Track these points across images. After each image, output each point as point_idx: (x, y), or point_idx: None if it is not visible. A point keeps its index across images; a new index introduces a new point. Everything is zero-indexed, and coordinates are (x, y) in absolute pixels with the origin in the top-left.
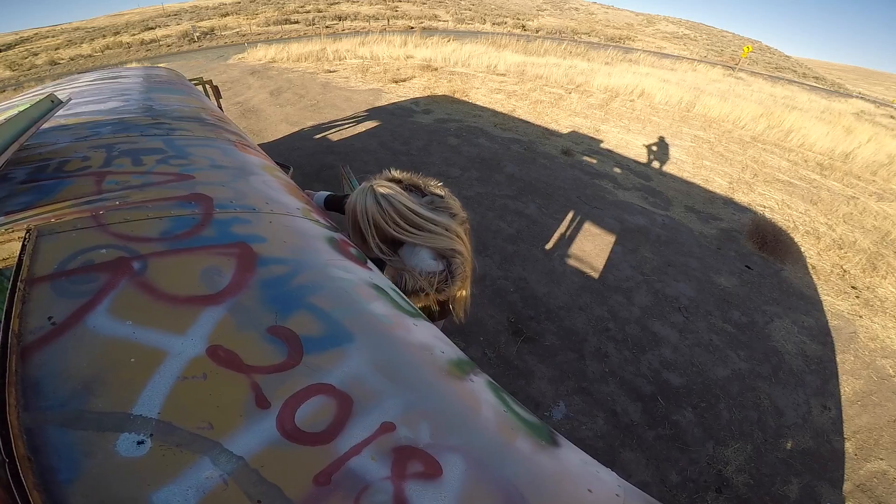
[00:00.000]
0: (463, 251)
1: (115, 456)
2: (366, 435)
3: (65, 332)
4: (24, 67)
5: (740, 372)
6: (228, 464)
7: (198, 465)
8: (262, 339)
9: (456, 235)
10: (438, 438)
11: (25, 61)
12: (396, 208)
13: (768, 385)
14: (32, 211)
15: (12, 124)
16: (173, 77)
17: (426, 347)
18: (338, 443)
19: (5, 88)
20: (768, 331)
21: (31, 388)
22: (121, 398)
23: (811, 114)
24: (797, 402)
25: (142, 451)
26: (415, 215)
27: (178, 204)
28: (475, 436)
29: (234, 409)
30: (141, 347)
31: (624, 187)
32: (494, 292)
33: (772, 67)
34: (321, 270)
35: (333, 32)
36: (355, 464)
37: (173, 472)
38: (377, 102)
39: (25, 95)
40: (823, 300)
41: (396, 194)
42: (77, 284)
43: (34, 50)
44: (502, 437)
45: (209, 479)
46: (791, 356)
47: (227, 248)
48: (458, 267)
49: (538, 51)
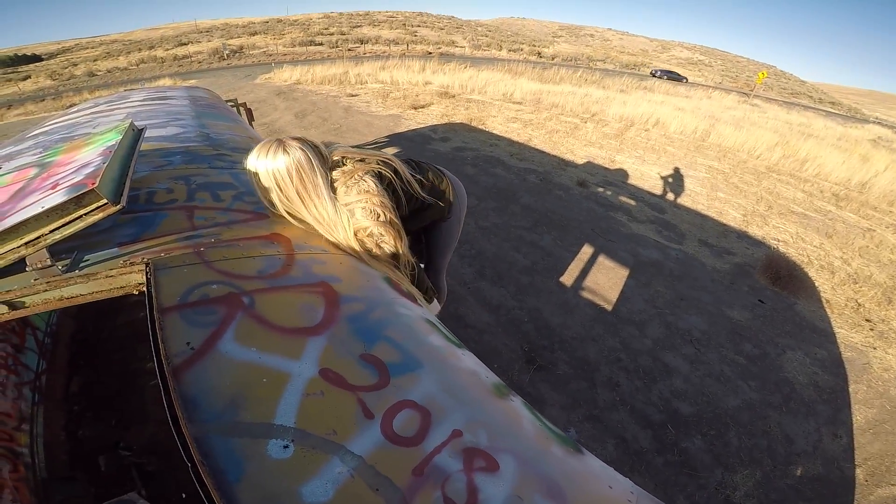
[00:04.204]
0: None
1: (267, 458)
2: (442, 439)
3: (203, 356)
4: (64, 77)
5: (751, 401)
6: (353, 462)
7: (331, 464)
8: (358, 364)
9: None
10: (494, 442)
11: (65, 71)
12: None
13: (779, 414)
14: (142, 244)
15: (119, 158)
16: (215, 100)
17: (474, 373)
18: (424, 444)
19: (45, 98)
20: (780, 362)
21: (191, 404)
22: (263, 411)
23: (827, 141)
24: (808, 430)
25: (287, 454)
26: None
27: (263, 243)
28: (520, 441)
29: (349, 419)
30: (269, 370)
31: (638, 220)
32: (509, 322)
33: (787, 93)
34: (389, 307)
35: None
36: (438, 460)
37: (314, 470)
38: (397, 128)
39: (82, 111)
40: (837, 333)
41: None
42: (202, 315)
43: (74, 60)
44: (540, 444)
45: (341, 473)
46: (803, 386)
47: (314, 287)
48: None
49: (554, 78)
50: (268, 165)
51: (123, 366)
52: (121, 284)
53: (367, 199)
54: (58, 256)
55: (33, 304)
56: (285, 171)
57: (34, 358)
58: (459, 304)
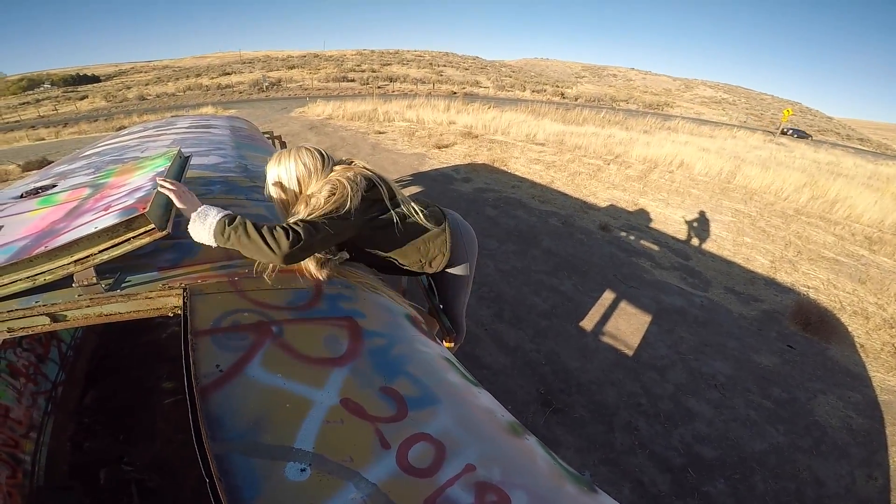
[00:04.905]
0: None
1: (285, 480)
2: (456, 472)
3: (231, 378)
4: (117, 99)
5: (779, 445)
6: (367, 489)
7: (346, 489)
8: (377, 396)
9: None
10: (507, 478)
11: (119, 93)
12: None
13: (808, 458)
14: (180, 269)
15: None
16: (253, 131)
17: (490, 411)
18: (438, 476)
19: (98, 118)
20: (811, 406)
21: (215, 423)
22: (284, 434)
23: (857, 180)
24: (840, 473)
25: (304, 477)
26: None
27: (294, 277)
28: (534, 478)
29: (365, 448)
30: (292, 395)
31: (662, 266)
32: (526, 364)
33: (814, 130)
34: (409, 344)
35: (384, 93)
36: (451, 492)
37: (329, 494)
38: (421, 167)
39: (131, 134)
40: (872, 376)
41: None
42: (232, 340)
43: (128, 83)
44: (554, 482)
45: (354, 499)
46: (835, 430)
47: (339, 321)
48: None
49: (577, 119)
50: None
51: (139, 383)
52: (158, 306)
53: (339, 173)
54: (102, 275)
55: (74, 319)
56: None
57: (54, 369)
58: (476, 345)
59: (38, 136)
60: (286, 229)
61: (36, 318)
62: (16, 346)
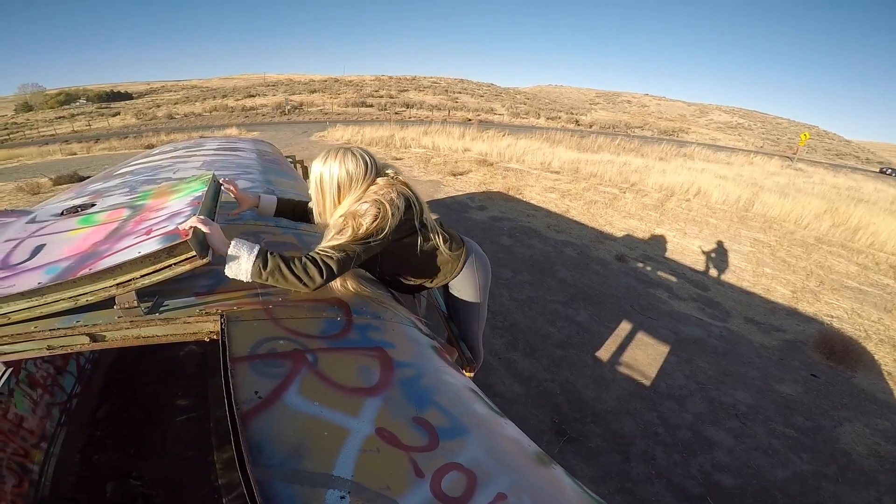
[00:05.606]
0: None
1: None
2: (488, 501)
3: (269, 405)
4: (147, 117)
5: (802, 473)
6: None
7: None
8: (410, 426)
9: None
10: None
11: (149, 111)
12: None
13: (834, 485)
14: (216, 296)
15: (206, 211)
16: (277, 155)
17: (517, 441)
18: None
19: (128, 135)
20: (836, 434)
21: (256, 448)
22: (323, 462)
23: (879, 206)
24: (867, 499)
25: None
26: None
27: (325, 306)
28: None
29: (401, 477)
30: (329, 424)
31: (679, 297)
32: (540, 393)
33: (832, 154)
34: (436, 375)
35: (401, 119)
36: None
37: None
38: (436, 195)
39: (163, 154)
40: None
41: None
42: (270, 367)
43: (158, 102)
44: None
45: None
46: (861, 457)
47: (370, 351)
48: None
49: (592, 146)
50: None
51: (153, 399)
52: (194, 331)
53: (384, 194)
54: (142, 298)
55: (112, 340)
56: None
57: (71, 381)
58: (490, 374)
59: (70, 151)
60: (318, 265)
61: (76, 337)
62: (37, 358)
